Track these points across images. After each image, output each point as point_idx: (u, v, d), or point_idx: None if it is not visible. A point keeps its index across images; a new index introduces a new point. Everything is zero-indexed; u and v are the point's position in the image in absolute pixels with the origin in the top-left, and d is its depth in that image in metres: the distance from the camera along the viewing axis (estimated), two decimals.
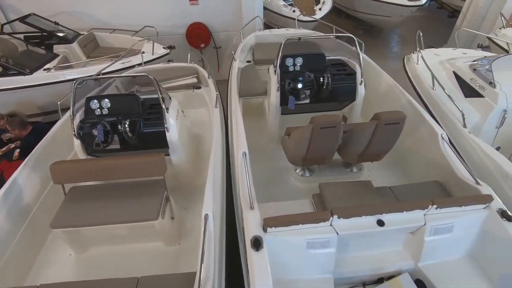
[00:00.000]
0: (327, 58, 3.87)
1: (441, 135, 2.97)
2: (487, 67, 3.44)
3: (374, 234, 2.34)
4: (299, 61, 3.61)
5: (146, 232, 2.75)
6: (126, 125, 2.92)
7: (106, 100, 3.07)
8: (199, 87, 4.72)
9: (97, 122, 2.88)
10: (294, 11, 7.39)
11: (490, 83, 3.31)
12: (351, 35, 3.71)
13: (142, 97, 3.34)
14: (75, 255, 2.82)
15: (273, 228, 2.17)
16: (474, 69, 3.56)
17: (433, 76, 3.76)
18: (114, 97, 3.11)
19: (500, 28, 5.68)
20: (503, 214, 2.29)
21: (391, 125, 2.68)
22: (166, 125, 3.03)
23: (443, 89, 3.56)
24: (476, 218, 2.35)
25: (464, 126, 3.19)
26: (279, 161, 3.78)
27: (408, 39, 9.93)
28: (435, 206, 2.27)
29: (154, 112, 3.18)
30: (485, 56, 3.78)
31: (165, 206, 2.75)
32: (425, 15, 12.20)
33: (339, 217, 2.21)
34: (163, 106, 3.03)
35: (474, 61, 3.70)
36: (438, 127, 3.06)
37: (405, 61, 4.71)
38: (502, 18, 5.65)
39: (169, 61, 5.37)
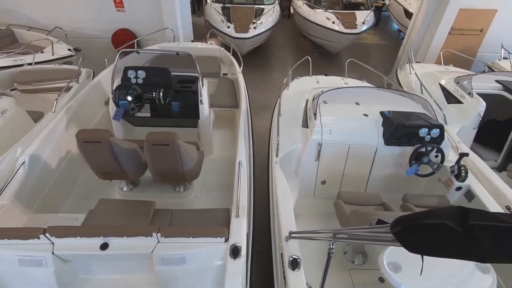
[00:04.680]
0: (185, 74, 3.86)
1: (239, 161, 2.90)
2: (319, 97, 3.39)
3: (109, 258, 2.25)
4: (142, 74, 3.59)
5: None
6: None
7: None
8: None
9: None
10: (228, 27, 7.45)
11: (315, 114, 3.25)
12: (190, 53, 3.70)
13: None
14: None
15: None
16: (313, 99, 3.51)
17: (279, 104, 3.71)
18: None
19: (406, 63, 5.64)
20: (233, 251, 2.19)
21: (160, 146, 2.62)
22: None
23: (278, 116, 3.52)
24: (213, 252, 2.25)
25: (277, 155, 3.12)
26: None
27: (360, 66, 9.98)
28: (159, 234, 2.18)
29: None
30: (338, 87, 3.73)
31: None
32: (391, 44, 12.26)
33: (51, 235, 2.13)
34: None
35: (322, 91, 3.65)
36: (241, 153, 2.99)
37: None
38: (411, 54, 5.62)
39: (65, 62, 5.41)
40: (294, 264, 2.12)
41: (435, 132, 3.07)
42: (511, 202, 2.82)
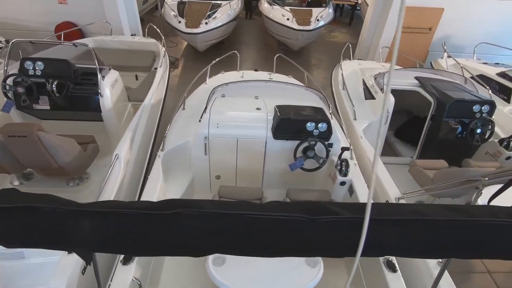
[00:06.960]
0: (91, 66, 3.77)
1: (116, 155, 2.84)
2: (215, 91, 3.34)
3: None
4: (40, 65, 3.50)
5: None
6: None
7: None
8: None
9: None
10: (179, 22, 7.35)
11: (206, 107, 3.19)
12: (86, 44, 3.63)
13: None
14: None
15: None
16: (212, 93, 3.46)
17: (184, 98, 3.65)
18: None
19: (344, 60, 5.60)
20: None
21: (17, 137, 2.54)
22: None
23: (180, 110, 3.49)
24: None
25: (162, 149, 3.06)
26: None
27: (322, 64, 9.96)
28: None
29: None
30: (235, 81, 3.70)
31: None
32: None
33: None
34: None
35: (220, 85, 3.59)
36: (121, 146, 2.95)
37: None
38: (349, 50, 5.59)
39: None
40: (127, 259, 2.06)
41: (323, 126, 3.03)
42: (390, 197, 2.79)
